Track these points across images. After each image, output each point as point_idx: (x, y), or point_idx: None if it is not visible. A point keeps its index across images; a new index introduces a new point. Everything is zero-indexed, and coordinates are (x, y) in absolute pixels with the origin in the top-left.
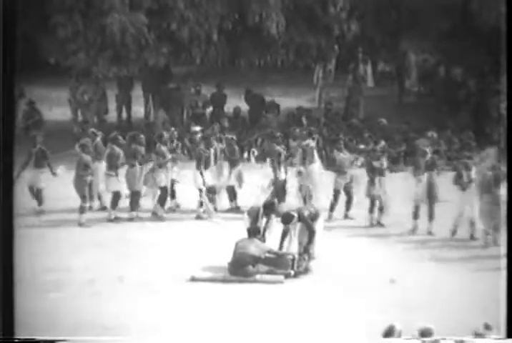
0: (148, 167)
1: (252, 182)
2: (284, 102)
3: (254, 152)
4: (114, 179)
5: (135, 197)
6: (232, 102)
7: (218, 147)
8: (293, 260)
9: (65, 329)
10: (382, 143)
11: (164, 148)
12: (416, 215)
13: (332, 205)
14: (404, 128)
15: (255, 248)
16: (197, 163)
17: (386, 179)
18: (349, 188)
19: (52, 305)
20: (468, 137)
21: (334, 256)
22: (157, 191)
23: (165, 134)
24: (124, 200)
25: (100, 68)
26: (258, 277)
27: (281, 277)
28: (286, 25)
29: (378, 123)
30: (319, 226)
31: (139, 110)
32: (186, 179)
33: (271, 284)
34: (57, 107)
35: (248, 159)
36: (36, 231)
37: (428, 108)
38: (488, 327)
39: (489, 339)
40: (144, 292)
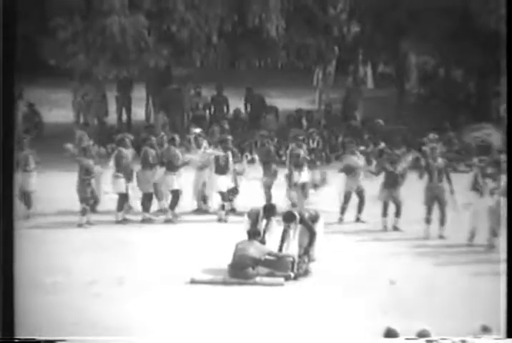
0: (162, 170)
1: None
2: (284, 104)
3: (247, 156)
4: (122, 181)
5: (147, 199)
6: (232, 104)
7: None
8: (293, 262)
9: (65, 331)
10: (381, 144)
11: (177, 150)
12: (428, 220)
13: (342, 208)
14: (404, 129)
15: (255, 250)
16: (216, 165)
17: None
18: (361, 191)
19: (52, 306)
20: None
21: (334, 258)
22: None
23: (177, 138)
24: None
25: (100, 69)
26: (258, 279)
27: (281, 279)
28: (286, 27)
29: (375, 124)
30: (319, 228)
31: (139, 112)
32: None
33: (271, 287)
34: (57, 109)
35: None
36: (37, 232)
37: (428, 109)
38: (486, 329)
39: (489, 339)
40: (144, 294)
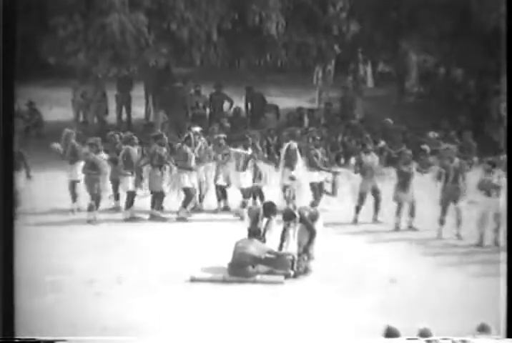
0: (174, 168)
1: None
2: (283, 102)
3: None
4: (130, 179)
5: (157, 197)
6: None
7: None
8: (293, 260)
9: (65, 330)
10: (382, 143)
11: (189, 149)
12: (442, 221)
13: (357, 208)
14: (404, 128)
15: (255, 248)
16: (237, 163)
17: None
18: (376, 191)
19: (52, 306)
20: (468, 138)
21: (333, 256)
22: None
23: (192, 136)
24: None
25: (100, 68)
26: (258, 278)
27: (281, 278)
28: (286, 25)
29: (383, 123)
30: (319, 226)
31: (139, 111)
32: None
33: (271, 285)
34: (57, 107)
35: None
36: (37, 231)
37: (428, 108)
38: (484, 328)
39: (489, 339)
40: (144, 293)
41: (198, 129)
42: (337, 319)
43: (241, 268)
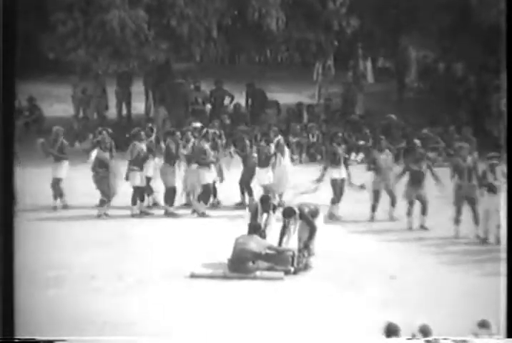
0: (192, 165)
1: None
2: (283, 98)
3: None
4: (138, 175)
5: (170, 193)
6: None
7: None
8: (293, 256)
9: (65, 325)
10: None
11: (207, 145)
12: (458, 220)
13: (373, 206)
14: (403, 124)
15: (255, 244)
16: (259, 160)
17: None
18: (391, 189)
19: (52, 301)
20: (468, 133)
21: (333, 252)
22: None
23: (210, 132)
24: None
25: (100, 64)
26: (258, 274)
27: (281, 274)
28: (285, 21)
29: (386, 119)
30: (319, 222)
31: (139, 106)
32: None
33: (271, 281)
34: (57, 103)
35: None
36: (37, 227)
37: (428, 104)
38: (485, 325)
39: (489, 339)
40: (144, 289)
41: (198, 125)
42: (337, 315)
43: (241, 264)
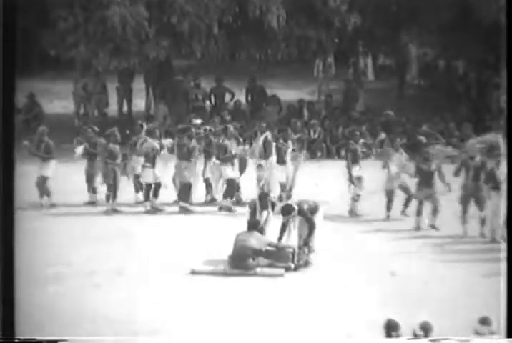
0: (212, 161)
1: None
2: (284, 95)
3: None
4: (150, 171)
5: (185, 189)
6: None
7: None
8: (293, 253)
9: (65, 322)
10: (382, 135)
11: (228, 142)
12: (465, 219)
13: (388, 205)
14: (404, 120)
15: (256, 241)
16: (278, 156)
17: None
18: (405, 187)
19: (52, 297)
20: (468, 130)
21: (334, 248)
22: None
23: (231, 128)
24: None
25: (100, 61)
26: (258, 270)
27: (281, 270)
28: (286, 18)
29: (385, 116)
30: (318, 219)
31: (140, 103)
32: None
33: (271, 277)
34: (58, 100)
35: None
36: (37, 224)
37: (428, 101)
38: (485, 321)
39: (490, 339)
40: (145, 285)
41: (199, 122)
42: (337, 312)
43: (241, 260)
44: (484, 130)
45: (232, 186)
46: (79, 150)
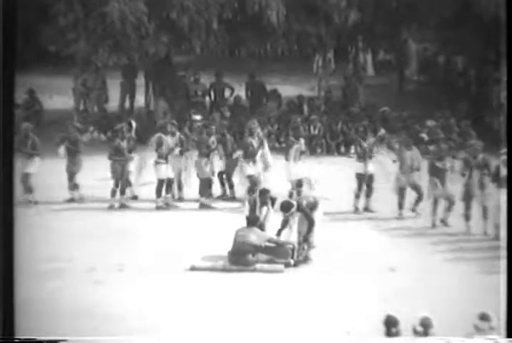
0: (237, 155)
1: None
2: (284, 91)
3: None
4: (163, 167)
5: (204, 185)
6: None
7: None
8: (293, 249)
9: (65, 318)
10: (382, 131)
11: (251, 139)
12: (468, 216)
13: (400, 203)
14: (404, 116)
15: (255, 237)
16: (288, 154)
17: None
18: (417, 186)
19: (52, 293)
20: (468, 126)
21: (334, 245)
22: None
23: (253, 125)
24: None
25: (100, 56)
26: (258, 266)
27: (281, 266)
28: (286, 14)
29: (382, 112)
30: (318, 215)
31: (140, 99)
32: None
33: (271, 273)
34: (57, 96)
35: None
36: (36, 220)
37: (428, 97)
38: (485, 317)
39: (490, 340)
40: (144, 281)
41: (198, 117)
42: (337, 308)
43: (241, 256)
44: (484, 126)
45: (253, 182)
46: (61, 149)
